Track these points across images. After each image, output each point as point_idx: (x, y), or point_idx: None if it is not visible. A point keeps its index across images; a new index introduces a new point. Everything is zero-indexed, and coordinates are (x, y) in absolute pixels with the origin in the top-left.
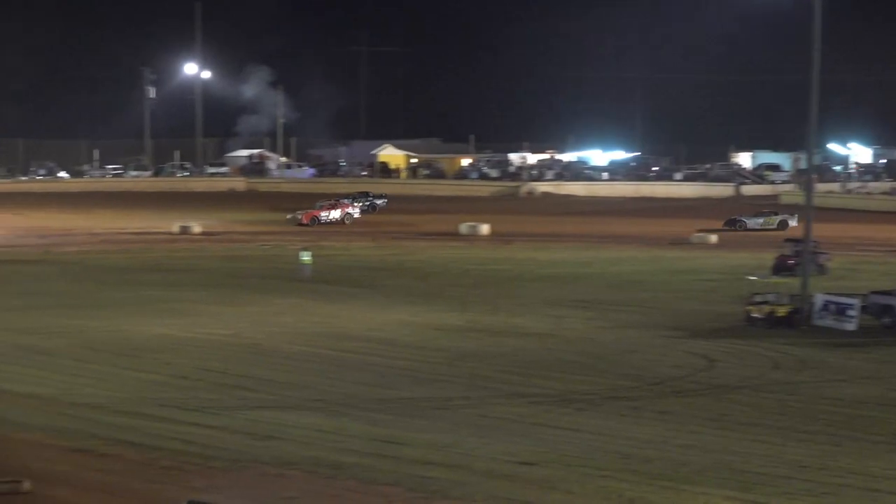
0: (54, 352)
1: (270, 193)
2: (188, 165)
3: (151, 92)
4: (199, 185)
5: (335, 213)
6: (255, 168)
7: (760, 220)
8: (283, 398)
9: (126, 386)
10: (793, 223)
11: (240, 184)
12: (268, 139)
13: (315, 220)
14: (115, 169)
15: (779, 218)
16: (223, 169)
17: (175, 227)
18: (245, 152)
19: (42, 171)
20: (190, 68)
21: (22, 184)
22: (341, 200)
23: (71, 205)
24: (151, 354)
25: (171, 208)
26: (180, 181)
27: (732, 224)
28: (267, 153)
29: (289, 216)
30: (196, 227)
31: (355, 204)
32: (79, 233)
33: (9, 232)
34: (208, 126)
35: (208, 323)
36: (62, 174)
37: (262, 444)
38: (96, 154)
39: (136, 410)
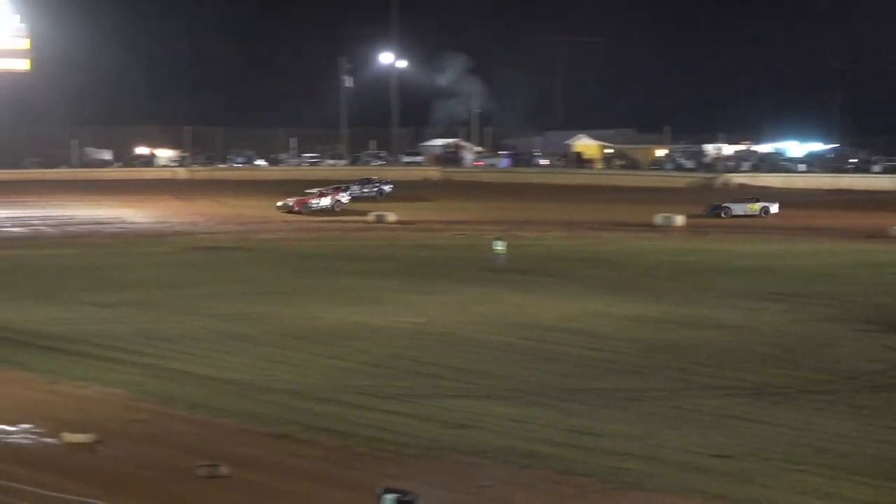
0: (251, 338)
1: (465, 183)
2: (383, 154)
3: (348, 81)
4: (394, 173)
5: (325, 201)
6: (451, 158)
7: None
8: (475, 387)
9: (321, 373)
10: None
11: (434, 173)
12: (463, 129)
13: (307, 207)
14: (311, 157)
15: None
16: (418, 158)
17: (370, 216)
18: (440, 142)
19: (240, 159)
20: (386, 57)
21: (220, 171)
22: (331, 188)
23: (268, 192)
24: (345, 342)
25: None
26: (375, 170)
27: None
28: (462, 142)
29: (279, 203)
30: (391, 216)
31: (343, 191)
32: (275, 220)
33: (208, 219)
34: (404, 115)
35: (401, 311)
36: (260, 162)
37: (455, 433)
38: (293, 142)
39: (331, 397)
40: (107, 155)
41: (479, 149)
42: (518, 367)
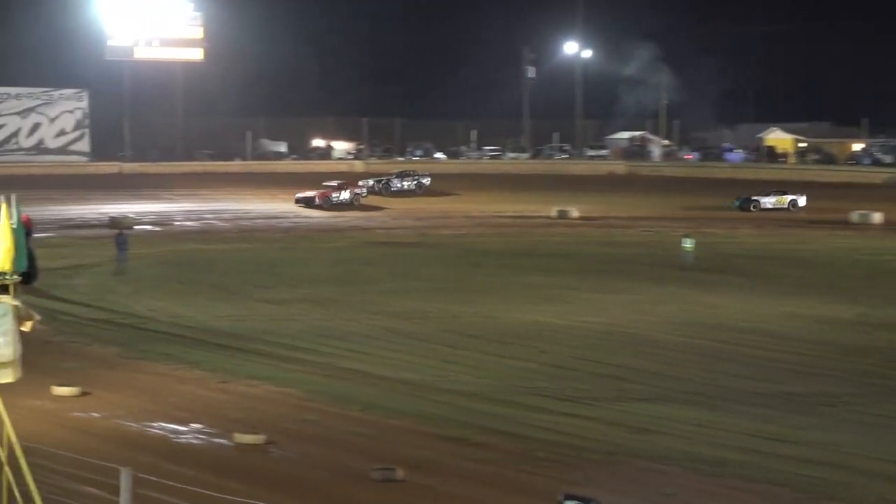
0: (427, 337)
1: (652, 178)
2: (567, 148)
3: (531, 71)
4: (578, 168)
5: (345, 194)
6: (637, 151)
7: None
8: (659, 390)
9: (498, 373)
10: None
11: (620, 167)
12: (650, 121)
13: (328, 201)
14: (492, 150)
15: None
16: (603, 152)
17: (553, 212)
18: (626, 134)
19: (418, 152)
20: (570, 47)
21: (398, 164)
22: (347, 181)
23: (447, 186)
24: (525, 342)
25: (548, 192)
26: (559, 164)
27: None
28: (649, 136)
29: (298, 196)
30: (574, 212)
31: (361, 185)
32: (455, 215)
33: (384, 214)
34: (588, 107)
35: (583, 310)
36: (439, 155)
37: (638, 438)
38: (474, 135)
39: (509, 399)
40: (281, 147)
41: (667, 142)
42: (703, 370)
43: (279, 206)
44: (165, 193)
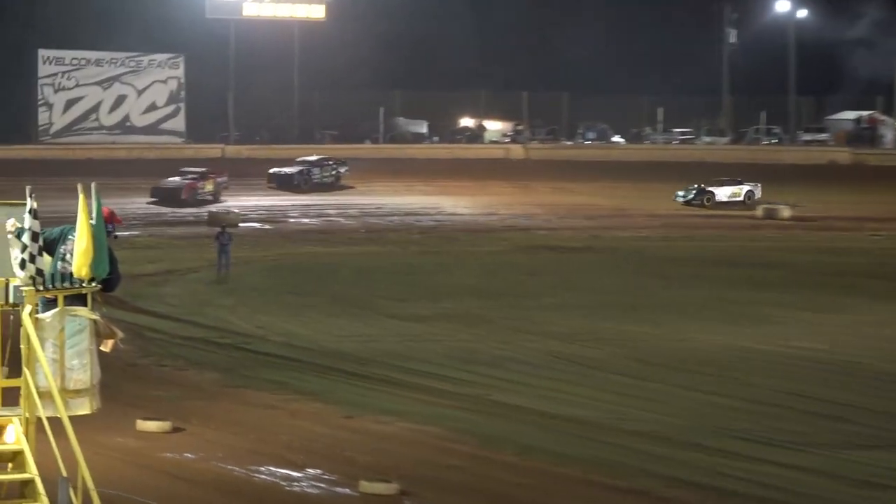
0: (600, 364)
1: (883, 169)
2: (777, 131)
3: (732, 35)
4: (790, 155)
5: (209, 186)
6: (865, 135)
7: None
8: (890, 434)
9: (688, 410)
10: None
11: (843, 155)
12: (882, 98)
13: (194, 195)
14: (682, 133)
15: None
16: (822, 136)
17: (758, 210)
18: (852, 115)
19: (591, 135)
20: (781, 4)
21: (565, 149)
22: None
23: (626, 177)
24: (721, 371)
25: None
26: (764, 150)
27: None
28: (879, 116)
29: (156, 187)
30: (785, 211)
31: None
32: (635, 214)
33: (548, 211)
34: (804, 80)
35: (795, 333)
36: (616, 138)
37: (865, 494)
38: (660, 114)
39: (702, 442)
40: (421, 127)
41: None
42: None
43: (417, 200)
44: None
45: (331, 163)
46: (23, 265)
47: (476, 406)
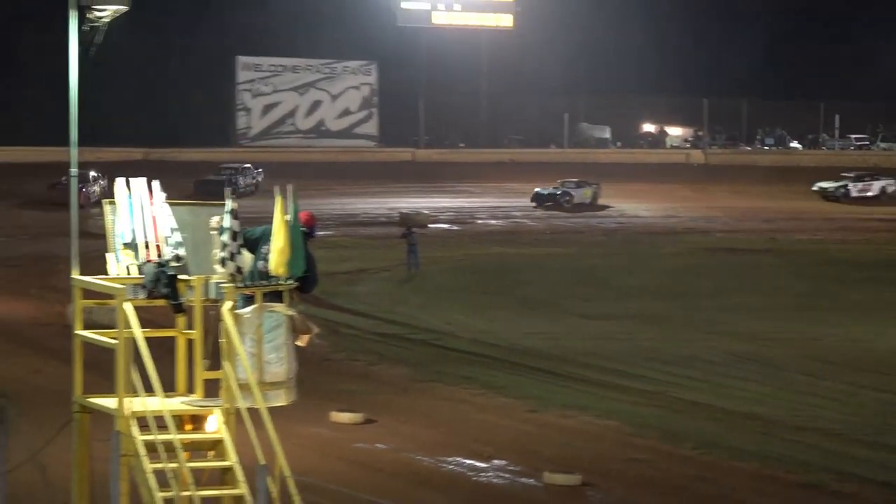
0: (779, 363)
1: None
2: None
3: None
4: None
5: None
6: None
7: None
8: None
9: (864, 408)
10: None
11: None
12: None
13: None
14: (859, 139)
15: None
16: None
17: None
18: None
19: (769, 140)
20: None
21: (744, 154)
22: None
23: (803, 182)
24: None
25: None
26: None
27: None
28: None
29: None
30: None
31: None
32: (810, 217)
33: (726, 214)
34: None
35: None
36: (794, 144)
37: None
38: (837, 120)
39: (879, 440)
40: (604, 132)
41: None
42: None
43: (600, 203)
44: (466, 186)
45: None
46: (223, 263)
47: (657, 402)
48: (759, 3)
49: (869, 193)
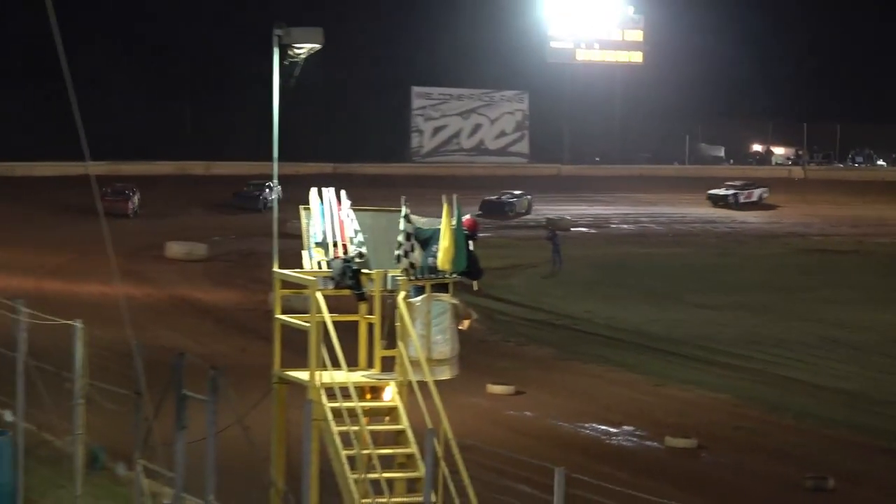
0: (863, 346)
1: None
2: None
3: None
4: None
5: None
6: None
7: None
8: None
9: None
10: None
11: None
12: None
13: None
14: None
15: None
16: None
17: None
18: None
19: (859, 159)
20: None
21: (837, 171)
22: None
23: (888, 195)
24: None
25: None
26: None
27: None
28: None
29: None
30: None
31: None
32: (892, 223)
33: (822, 220)
34: None
35: None
36: (880, 162)
37: None
38: None
39: None
40: (719, 151)
41: None
42: None
43: (715, 211)
44: (602, 196)
45: None
46: (398, 259)
47: (761, 378)
48: (850, 48)
49: None
